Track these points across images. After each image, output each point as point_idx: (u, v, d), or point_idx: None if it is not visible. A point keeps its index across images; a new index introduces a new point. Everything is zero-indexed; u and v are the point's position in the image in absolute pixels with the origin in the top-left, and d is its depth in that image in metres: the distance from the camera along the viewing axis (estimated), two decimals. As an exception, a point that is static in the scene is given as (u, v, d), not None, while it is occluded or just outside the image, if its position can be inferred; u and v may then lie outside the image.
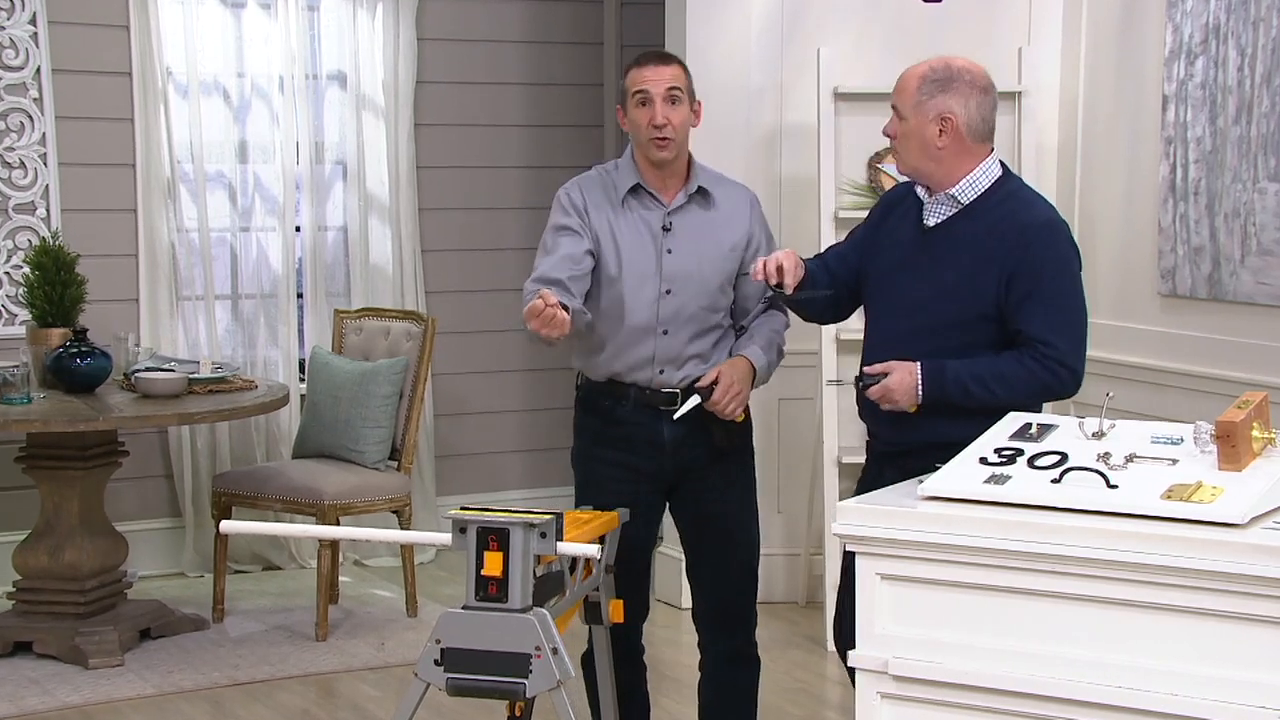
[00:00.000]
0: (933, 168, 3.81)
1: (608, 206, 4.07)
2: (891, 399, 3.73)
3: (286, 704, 5.38)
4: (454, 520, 3.47)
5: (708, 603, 4.25)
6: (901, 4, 6.25)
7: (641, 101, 4.04)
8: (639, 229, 4.07)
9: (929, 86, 3.78)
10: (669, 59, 4.13)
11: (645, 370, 4.07)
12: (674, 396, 4.06)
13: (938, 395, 3.71)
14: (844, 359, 6.00)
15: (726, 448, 4.12)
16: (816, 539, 6.26)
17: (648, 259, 4.06)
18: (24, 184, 6.54)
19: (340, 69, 7.08)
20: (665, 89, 4.04)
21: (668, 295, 4.06)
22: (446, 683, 3.44)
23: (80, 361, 5.79)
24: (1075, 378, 3.73)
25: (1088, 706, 2.98)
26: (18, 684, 5.48)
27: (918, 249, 3.85)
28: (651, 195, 4.09)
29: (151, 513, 6.89)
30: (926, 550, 3.10)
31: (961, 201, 3.81)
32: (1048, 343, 3.68)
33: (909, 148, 3.82)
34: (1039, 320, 3.69)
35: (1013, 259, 3.70)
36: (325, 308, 7.02)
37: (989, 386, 3.69)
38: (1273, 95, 5.33)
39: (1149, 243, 5.86)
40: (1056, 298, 3.71)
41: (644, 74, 4.06)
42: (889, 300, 3.89)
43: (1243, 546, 2.85)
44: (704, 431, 4.07)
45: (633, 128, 4.08)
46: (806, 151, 6.19)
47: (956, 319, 3.75)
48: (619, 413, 4.11)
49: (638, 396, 4.09)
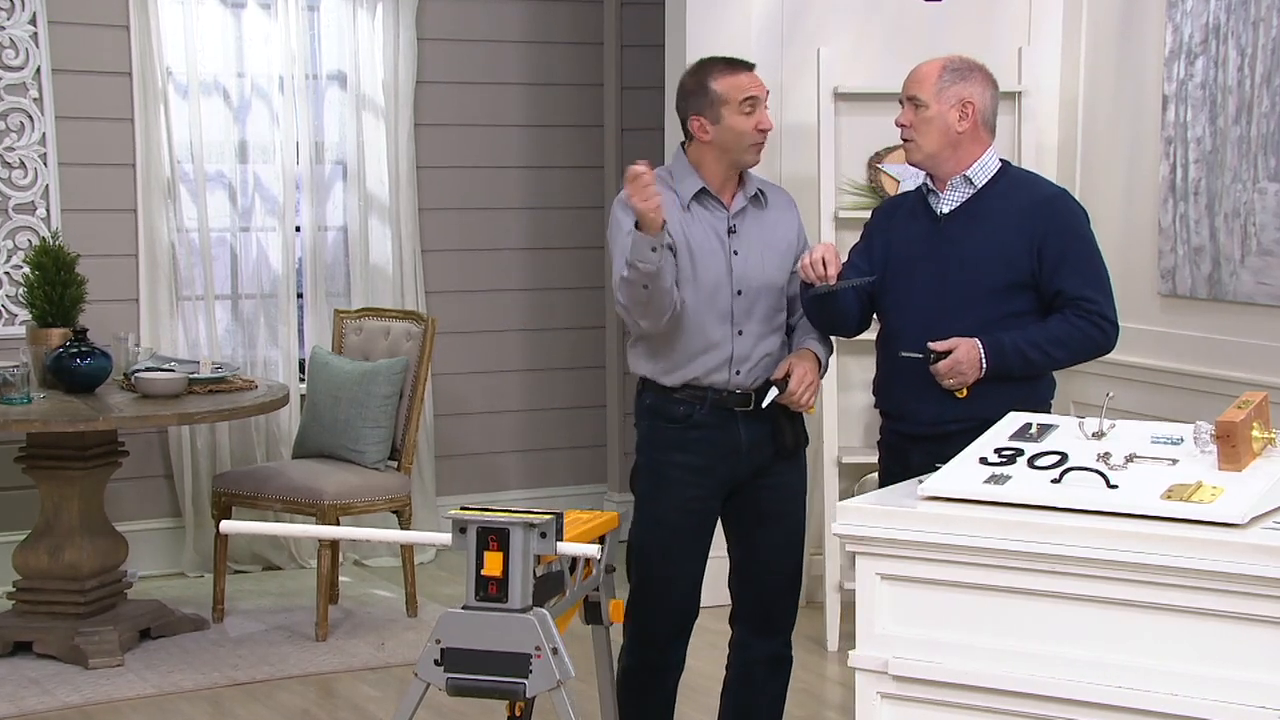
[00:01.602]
0: (949, 153, 4.02)
1: (676, 210, 4.08)
2: (960, 371, 3.90)
3: (286, 704, 5.38)
4: (454, 520, 3.47)
5: (754, 603, 4.24)
6: (901, 4, 6.25)
7: (750, 109, 4.05)
8: (707, 232, 4.10)
9: (950, 75, 4.02)
10: (753, 64, 4.15)
11: (722, 372, 4.09)
12: (748, 398, 4.10)
13: (1000, 366, 3.91)
14: (844, 359, 6.00)
15: (794, 447, 4.17)
16: (816, 539, 6.25)
17: (719, 261, 4.08)
18: (24, 184, 6.54)
19: (340, 69, 7.08)
20: (765, 93, 4.10)
21: (739, 296, 4.09)
22: (446, 683, 3.45)
23: (80, 361, 5.78)
24: (1116, 329, 4.01)
25: (1088, 706, 2.98)
26: (18, 684, 5.48)
27: (935, 237, 4.04)
28: (715, 199, 4.12)
29: (151, 513, 6.88)
30: (926, 550, 3.10)
31: (975, 184, 4.04)
32: (1088, 299, 3.95)
33: (929, 133, 4.01)
34: (1077, 279, 3.96)
35: (1041, 229, 3.97)
36: (325, 308, 7.02)
37: (1046, 350, 3.95)
38: (1273, 95, 5.33)
39: (1149, 243, 5.86)
40: (1088, 257, 4.00)
41: (744, 80, 4.07)
42: (914, 286, 4.04)
43: (1243, 546, 2.85)
44: (777, 431, 4.13)
45: (731, 135, 4.05)
46: (806, 151, 6.18)
47: (990, 289, 3.96)
48: (697, 417, 4.11)
49: (714, 399, 4.10)
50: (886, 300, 4.11)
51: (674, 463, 4.12)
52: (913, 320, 4.02)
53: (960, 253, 3.99)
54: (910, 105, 4.02)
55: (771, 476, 4.17)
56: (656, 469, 4.15)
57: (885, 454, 4.18)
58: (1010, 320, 3.96)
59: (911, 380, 3.99)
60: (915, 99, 4.01)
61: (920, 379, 3.96)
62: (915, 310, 4.02)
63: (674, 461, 4.12)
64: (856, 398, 6.11)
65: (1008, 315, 3.96)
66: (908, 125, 4.03)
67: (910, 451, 3.94)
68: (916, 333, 3.98)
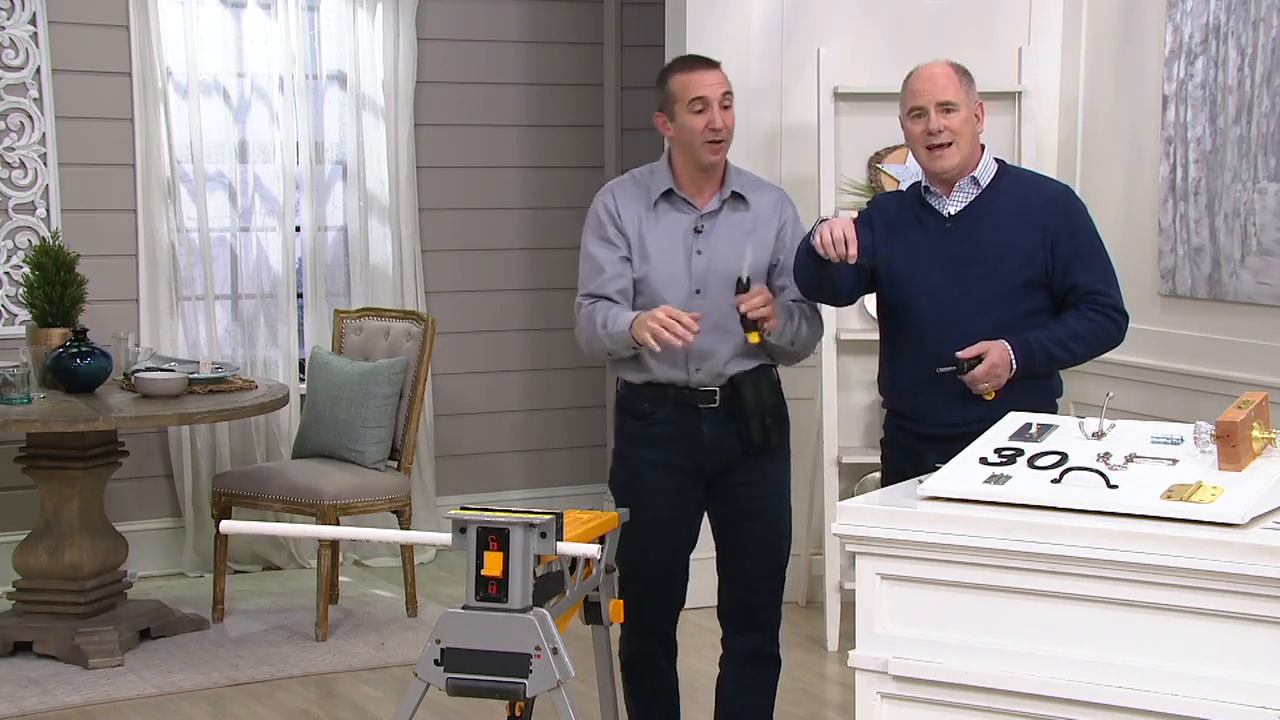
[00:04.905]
0: (971, 155, 4.06)
1: (640, 209, 4.14)
2: (995, 374, 3.93)
3: (286, 704, 5.38)
4: (454, 520, 3.47)
5: (734, 599, 4.29)
6: (901, 4, 6.25)
7: (700, 108, 4.06)
8: (670, 231, 4.13)
9: (965, 78, 4.07)
10: (714, 63, 4.16)
11: (679, 370, 4.12)
12: (712, 394, 4.12)
13: (1028, 365, 3.96)
14: (844, 359, 6.01)
15: (763, 444, 4.17)
16: (816, 539, 6.25)
17: (677, 260, 4.11)
18: (24, 184, 6.54)
19: (340, 69, 7.08)
20: (721, 93, 4.09)
21: (697, 295, 4.10)
22: (446, 683, 3.44)
23: (80, 361, 5.78)
24: (1127, 321, 4.09)
25: (1088, 706, 2.98)
26: (18, 684, 5.48)
27: (945, 237, 4.06)
28: (685, 199, 4.14)
29: (151, 513, 6.88)
30: (926, 550, 3.10)
31: (981, 183, 4.09)
32: (1102, 292, 4.03)
33: (967, 135, 4.04)
34: (1090, 273, 4.03)
35: (1052, 225, 4.02)
36: (325, 308, 7.02)
37: (1068, 347, 4.01)
38: (1273, 95, 5.33)
39: (1149, 243, 5.86)
40: (1098, 252, 4.08)
41: (697, 79, 4.09)
42: (930, 287, 4.05)
43: (1243, 546, 2.85)
44: (743, 429, 4.14)
45: (685, 133, 4.09)
46: (806, 151, 6.18)
47: (1009, 288, 4.00)
48: (659, 414, 4.16)
49: (676, 396, 4.14)
50: (898, 300, 4.11)
51: (643, 457, 4.19)
52: (931, 321, 4.03)
53: (975, 253, 4.01)
54: (940, 110, 3.99)
55: (745, 473, 4.19)
56: (629, 463, 4.23)
57: (894, 453, 4.18)
58: (1027, 319, 4.00)
59: (929, 382, 4.00)
60: (949, 104, 4.00)
61: (938, 381, 3.96)
62: (933, 311, 4.03)
63: (643, 456, 4.19)
64: (856, 397, 6.11)
65: (1025, 314, 4.00)
66: (946, 130, 4.00)
67: (925, 452, 3.88)
68: (937, 334, 4.00)
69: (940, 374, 3.95)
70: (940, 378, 3.95)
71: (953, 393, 3.97)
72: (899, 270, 4.09)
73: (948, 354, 3.95)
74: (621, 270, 4.13)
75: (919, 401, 4.08)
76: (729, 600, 4.30)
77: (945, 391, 3.98)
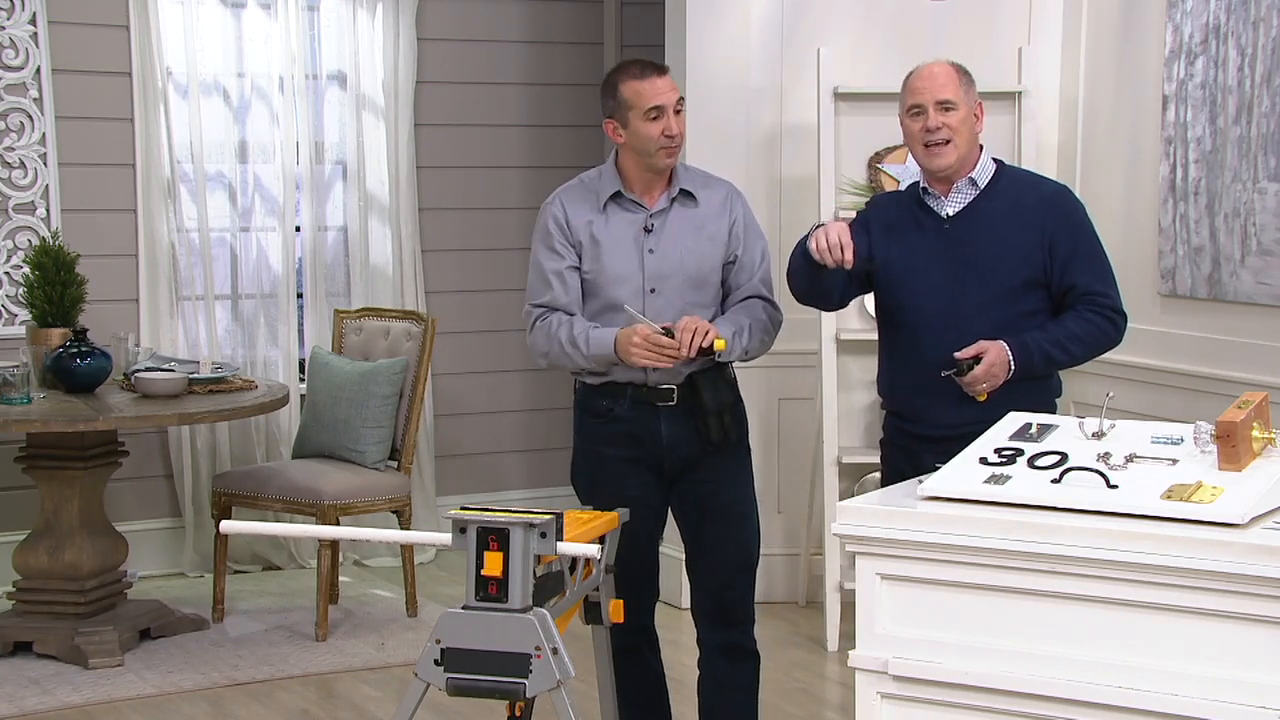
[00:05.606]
0: (969, 155, 4.05)
1: (589, 213, 4.17)
2: (993, 375, 3.92)
3: (286, 704, 5.38)
4: (454, 520, 3.47)
5: (705, 595, 4.30)
6: (901, 4, 6.25)
7: (656, 115, 4.07)
8: (621, 231, 4.15)
9: (964, 77, 4.07)
10: (664, 68, 4.18)
11: (638, 370, 4.12)
12: (670, 392, 4.13)
13: (1026, 366, 3.95)
14: (844, 359, 6.01)
15: (721, 443, 4.17)
16: (816, 539, 6.25)
17: (629, 260, 4.13)
18: (24, 184, 6.54)
19: (340, 69, 7.08)
20: (675, 100, 4.11)
21: (653, 294, 4.12)
22: (446, 683, 3.45)
23: (80, 361, 5.78)
24: (1126, 321, 4.08)
25: (1088, 706, 2.98)
26: (18, 684, 5.48)
27: (943, 239, 4.06)
28: (633, 200, 4.17)
29: (151, 513, 6.88)
30: (926, 550, 3.10)
31: (979, 184, 4.06)
32: (1100, 292, 4.02)
33: (965, 134, 4.04)
34: (1088, 274, 4.02)
35: (1050, 225, 4.02)
36: (325, 308, 7.02)
37: (1066, 348, 4.01)
38: (1273, 95, 5.33)
39: (1149, 243, 5.86)
40: (1096, 252, 4.07)
41: (650, 87, 4.09)
42: (929, 288, 4.05)
43: (1243, 546, 2.85)
44: (701, 426, 4.14)
45: (639, 140, 4.10)
46: (806, 151, 6.18)
47: (1008, 288, 4.00)
48: (617, 411, 4.18)
49: (634, 394, 4.16)
50: (896, 301, 4.12)
51: (605, 454, 4.20)
52: (929, 322, 4.04)
53: (973, 253, 4.02)
54: (939, 109, 4.00)
55: (706, 470, 4.21)
56: (591, 458, 4.24)
57: (893, 454, 4.19)
58: (1025, 320, 4.00)
59: (928, 383, 4.00)
60: (948, 103, 4.00)
61: (937, 382, 3.97)
62: (932, 313, 4.04)
63: (605, 453, 4.21)
64: (856, 398, 6.11)
65: (1023, 315, 4.00)
66: (944, 128, 4.00)
67: (923, 453, 3.89)
68: (935, 335, 4.00)
69: (942, 377, 3.95)
70: (938, 379, 3.95)
71: (951, 394, 3.97)
72: (897, 272, 4.09)
73: (946, 355, 3.95)
74: (572, 281, 4.16)
75: (917, 403, 4.08)
76: (702, 598, 4.31)
77: (944, 393, 3.98)
